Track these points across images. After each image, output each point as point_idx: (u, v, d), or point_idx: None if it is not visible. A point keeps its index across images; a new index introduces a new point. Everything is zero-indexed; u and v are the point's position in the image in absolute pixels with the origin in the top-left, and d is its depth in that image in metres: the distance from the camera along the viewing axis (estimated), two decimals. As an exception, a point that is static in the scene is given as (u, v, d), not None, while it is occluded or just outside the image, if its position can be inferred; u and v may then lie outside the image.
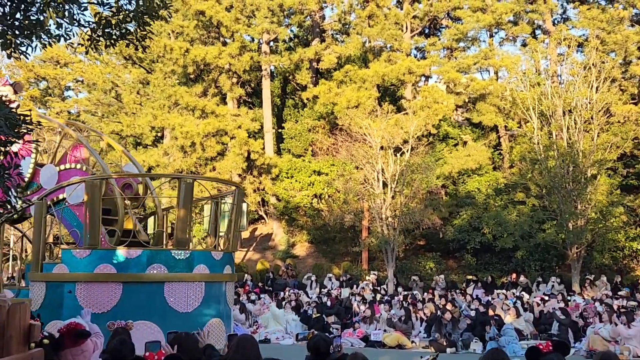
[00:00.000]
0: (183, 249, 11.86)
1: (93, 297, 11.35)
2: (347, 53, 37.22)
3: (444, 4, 38.05)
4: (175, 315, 11.61)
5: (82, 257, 11.54)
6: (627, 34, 34.36)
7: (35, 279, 11.95)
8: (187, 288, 11.87)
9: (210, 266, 12.32)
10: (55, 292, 11.62)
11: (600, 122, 29.22)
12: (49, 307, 11.48)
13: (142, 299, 11.46)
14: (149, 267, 11.53)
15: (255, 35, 37.30)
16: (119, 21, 9.32)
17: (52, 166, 13.64)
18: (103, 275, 11.44)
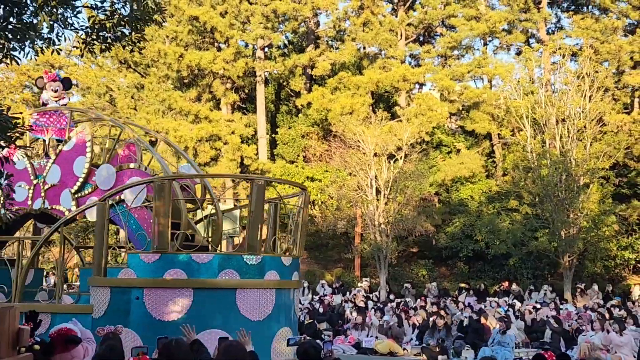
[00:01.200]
0: (255, 254, 11.26)
1: (162, 304, 10.72)
2: (341, 60, 37.26)
3: (438, 12, 38.15)
4: (247, 323, 10.68)
5: (150, 262, 10.92)
6: (621, 44, 34.55)
7: (97, 284, 11.24)
8: (258, 295, 11.22)
9: (280, 272, 11.70)
10: (121, 298, 10.96)
11: (593, 131, 29.33)
12: (114, 314, 10.83)
13: (214, 306, 10.82)
14: (221, 273, 10.90)
15: (249, 41, 37.31)
16: (113, 25, 9.30)
17: (109, 166, 12.86)
18: (173, 281, 10.82)
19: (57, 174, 13.06)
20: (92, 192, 12.72)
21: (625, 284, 30.17)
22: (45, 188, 13.07)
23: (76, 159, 13.01)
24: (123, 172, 12.68)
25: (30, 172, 13.21)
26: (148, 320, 10.58)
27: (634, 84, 34.52)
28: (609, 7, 36.28)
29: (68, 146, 13.19)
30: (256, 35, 35.98)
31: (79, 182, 12.81)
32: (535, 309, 21.57)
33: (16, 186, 12.79)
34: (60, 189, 12.98)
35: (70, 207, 12.69)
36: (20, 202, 13.10)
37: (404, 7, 39.35)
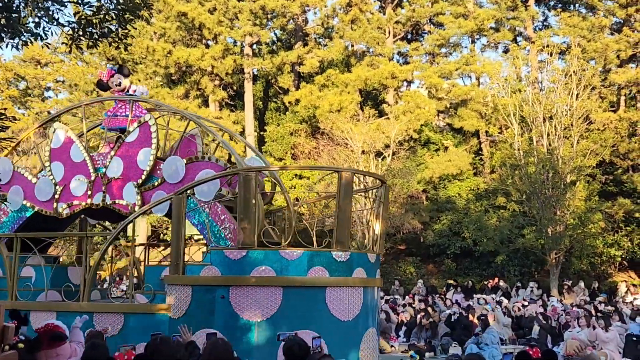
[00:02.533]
0: (344, 250, 10.74)
1: (250, 303, 10.19)
2: (329, 57, 37.25)
3: (426, 10, 38.23)
4: (336, 324, 10.48)
5: (236, 259, 10.34)
6: (607, 42, 34.75)
7: (176, 282, 10.61)
8: (347, 294, 10.72)
9: (367, 270, 11.20)
10: (205, 297, 10.38)
11: (579, 129, 29.47)
12: (196, 314, 10.31)
13: (303, 305, 10.34)
14: (310, 270, 10.40)
15: (237, 37, 37.21)
16: (99, 20, 9.26)
17: (178, 158, 12.05)
18: (262, 279, 10.25)
19: (119, 166, 12.24)
20: (158, 186, 11.93)
21: (612, 281, 30.36)
22: (105, 182, 12.29)
23: (140, 150, 12.18)
24: (193, 165, 11.87)
25: (89, 165, 12.43)
26: (234, 320, 10.16)
27: (621, 82, 34.74)
28: (596, 5, 36.47)
29: (130, 137, 12.32)
30: (244, 32, 35.90)
31: (144, 175, 12.00)
32: (523, 306, 21.67)
33: (74, 180, 12.39)
34: (122, 182, 12.21)
35: (134, 202, 11.93)
36: (79, 197, 12.43)
37: (392, 5, 39.38)
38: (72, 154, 12.60)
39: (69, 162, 12.57)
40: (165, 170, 11.86)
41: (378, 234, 11.78)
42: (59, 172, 12.63)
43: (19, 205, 12.89)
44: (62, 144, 12.79)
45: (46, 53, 42.41)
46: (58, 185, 12.54)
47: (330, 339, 9.69)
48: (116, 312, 10.87)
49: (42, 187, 12.70)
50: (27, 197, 12.82)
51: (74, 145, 12.65)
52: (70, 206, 12.43)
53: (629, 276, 31.53)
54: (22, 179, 13.02)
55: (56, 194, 12.51)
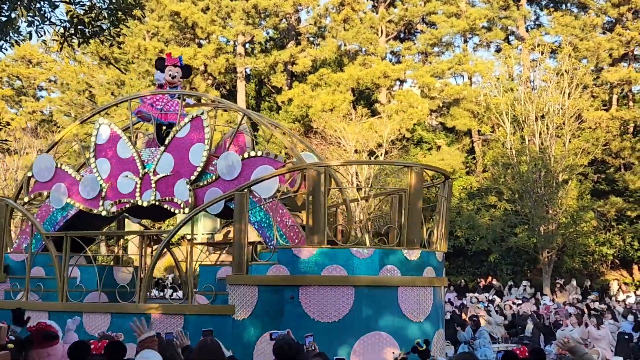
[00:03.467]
0: (414, 249, 10.35)
1: (321, 304, 9.74)
2: (322, 56, 37.26)
3: (419, 9, 38.28)
4: (409, 325, 10.10)
5: (306, 257, 9.90)
6: (599, 41, 34.87)
7: (240, 282, 10.17)
8: (419, 294, 10.30)
9: (435, 269, 10.86)
10: (272, 297, 9.95)
11: (571, 128, 29.56)
12: (264, 315, 9.89)
13: (375, 306, 9.92)
14: (382, 269, 9.97)
15: (230, 37, 37.20)
16: (92, 19, 9.25)
17: (233, 154, 11.57)
18: (333, 279, 9.81)
19: (170, 163, 11.76)
20: (212, 183, 11.49)
21: (604, 279, 30.49)
22: (155, 178, 11.79)
23: (192, 146, 11.70)
24: (249, 161, 11.40)
25: (137, 161, 11.94)
26: (305, 321, 9.64)
27: (613, 81, 34.87)
28: (588, 4, 36.60)
29: (182, 133, 11.86)
30: (237, 32, 35.88)
31: (197, 172, 11.51)
32: (514, 304, 21.73)
33: (121, 177, 11.96)
34: (173, 179, 11.71)
35: (186, 199, 11.48)
36: (127, 194, 11.96)
37: (385, 4, 39.42)
38: (119, 150, 12.14)
39: (116, 158, 12.13)
40: (220, 166, 11.41)
41: (443, 231, 11.43)
42: (105, 169, 12.17)
43: (63, 204, 12.43)
44: (107, 140, 12.34)
45: (38, 52, 42.26)
46: (104, 183, 12.10)
47: (402, 341, 9.49)
48: (175, 314, 10.45)
49: (87, 184, 12.26)
50: (71, 195, 12.38)
51: (121, 140, 12.18)
52: (117, 204, 11.98)
53: (621, 274, 31.68)
54: (66, 176, 12.60)
55: (102, 191, 12.06)
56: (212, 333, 8.20)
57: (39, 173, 12.87)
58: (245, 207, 10.37)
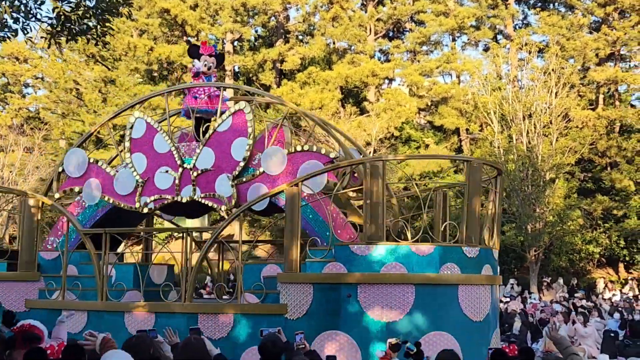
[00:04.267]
0: (473, 246, 9.98)
1: (381, 302, 9.44)
2: (310, 54, 37.25)
3: (407, 8, 38.34)
4: (469, 325, 9.77)
5: (364, 254, 9.54)
6: (586, 41, 35.06)
7: (293, 280, 9.85)
8: (478, 292, 9.96)
9: (493, 267, 10.54)
10: (328, 296, 9.62)
11: (559, 126, 29.72)
12: (319, 314, 9.57)
13: (436, 305, 9.58)
14: (443, 267, 9.65)
15: (218, 34, 37.13)
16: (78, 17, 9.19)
17: (278, 148, 11.22)
18: (393, 276, 9.47)
19: (211, 157, 11.33)
20: (256, 178, 11.14)
21: (590, 277, 30.69)
22: (195, 174, 11.37)
23: (234, 140, 11.27)
24: (295, 155, 11.04)
25: (175, 156, 11.52)
26: (363, 321, 9.43)
27: (599, 80, 35.07)
28: (575, 4, 36.78)
29: (223, 127, 11.40)
30: (225, 29, 35.82)
31: (239, 167, 11.15)
32: (504, 302, 21.82)
33: (159, 172, 11.53)
34: (214, 174, 11.32)
35: (228, 195, 11.13)
36: (165, 190, 11.51)
37: (373, 3, 39.43)
38: (155, 144, 11.70)
39: (152, 153, 11.67)
40: (264, 161, 11.09)
41: (496, 228, 11.07)
42: (141, 164, 11.72)
43: (96, 200, 12.02)
44: (143, 134, 11.84)
45: (24, 49, 41.95)
46: (140, 178, 11.66)
47: (463, 341, 9.31)
48: (225, 313, 10.11)
49: (122, 180, 11.82)
50: (106, 191, 11.92)
51: (158, 135, 11.72)
52: (154, 200, 11.56)
53: (607, 272, 31.91)
54: (99, 172, 12.17)
55: (138, 187, 11.64)
56: (199, 331, 8.17)
57: (70, 168, 12.40)
58: (298, 203, 10.05)
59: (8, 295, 11.55)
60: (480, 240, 10.30)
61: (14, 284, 11.61)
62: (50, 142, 38.62)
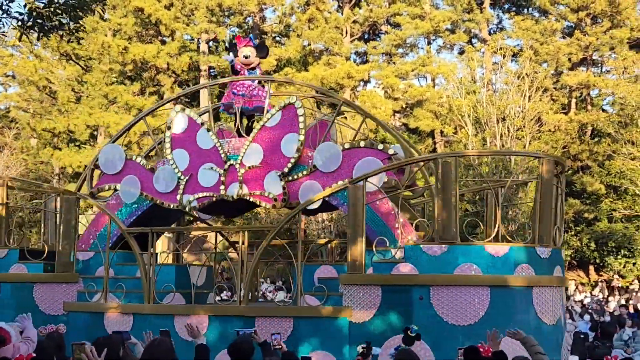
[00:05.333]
0: (546, 246, 9.66)
1: (456, 305, 9.09)
2: (286, 56, 37.20)
3: (383, 10, 38.48)
4: (543, 328, 9.44)
5: (436, 255, 9.19)
6: (559, 45, 35.48)
7: (359, 282, 9.49)
8: (551, 294, 9.62)
9: (562, 268, 10.24)
10: (399, 298, 9.27)
11: (531, 130, 30.00)
12: (389, 317, 9.29)
13: (512, 308, 9.26)
14: (517, 268, 9.31)
15: (194, 34, 36.93)
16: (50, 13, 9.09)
17: (332, 144, 10.90)
18: (468, 278, 9.16)
19: (259, 154, 10.96)
20: (308, 175, 10.77)
21: (562, 280, 30.94)
22: (242, 171, 10.97)
23: (284, 136, 10.91)
24: (351, 152, 10.72)
25: (220, 152, 11.12)
26: (437, 324, 9.10)
27: (572, 84, 35.48)
28: (549, 9, 37.19)
29: (272, 122, 11.04)
30: (201, 29, 35.64)
31: (290, 164, 10.78)
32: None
33: (202, 169, 11.15)
34: (262, 171, 10.95)
35: (279, 192, 10.78)
36: (209, 188, 11.12)
37: (350, 5, 39.53)
38: (199, 140, 11.31)
39: (195, 149, 11.29)
40: (318, 158, 10.71)
41: (560, 226, 10.58)
42: (183, 161, 11.32)
43: (134, 198, 11.61)
44: (185, 130, 11.46)
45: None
46: (183, 175, 11.27)
47: None
48: (284, 317, 9.73)
49: (162, 177, 11.42)
50: (145, 189, 11.53)
51: (201, 130, 11.32)
52: (198, 198, 11.14)
53: (578, 275, 32.28)
54: (138, 169, 11.74)
55: (180, 184, 11.24)
56: (169, 334, 8.06)
57: (106, 165, 11.96)
58: (362, 201, 9.59)
59: (45, 298, 11.04)
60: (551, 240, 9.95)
61: (51, 286, 11.07)
62: (19, 140, 38.10)
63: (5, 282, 11.24)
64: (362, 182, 9.81)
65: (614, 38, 34.39)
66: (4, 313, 10.70)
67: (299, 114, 10.91)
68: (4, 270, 11.31)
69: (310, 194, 10.58)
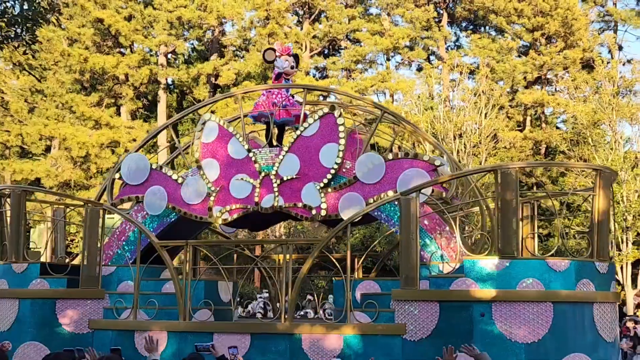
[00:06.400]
0: (605, 261, 9.45)
1: (519, 322, 8.79)
2: (246, 70, 37.15)
3: (343, 26, 38.77)
4: (603, 346, 9.21)
5: (498, 269, 8.92)
6: (515, 64, 36.17)
7: (414, 298, 9.15)
8: (610, 310, 9.36)
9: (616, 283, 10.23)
10: (458, 315, 8.95)
11: (487, 147, 30.45)
12: (446, 335, 8.83)
13: (574, 324, 8.99)
14: (578, 283, 9.03)
15: (152, 47, 36.65)
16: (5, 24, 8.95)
17: (374, 155, 10.63)
18: (531, 293, 8.85)
19: (295, 164, 10.65)
20: (348, 187, 10.47)
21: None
22: (278, 182, 10.66)
23: (323, 146, 10.62)
24: (394, 163, 10.44)
25: (254, 162, 10.81)
26: (501, 342, 8.77)
27: (527, 102, 36.16)
28: (505, 28, 37.90)
29: (309, 132, 10.75)
30: (159, 42, 35.40)
31: (330, 174, 10.49)
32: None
33: (234, 179, 10.80)
34: (300, 182, 10.63)
35: (318, 204, 10.45)
36: (241, 199, 10.74)
37: (309, 20, 39.74)
38: (230, 149, 10.95)
39: (226, 158, 10.95)
40: (359, 168, 10.44)
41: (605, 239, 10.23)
42: (214, 171, 10.94)
43: (160, 210, 11.15)
44: (215, 138, 11.07)
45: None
46: (213, 186, 10.88)
47: None
48: (333, 334, 9.39)
49: (191, 188, 11.03)
50: (172, 200, 11.07)
51: (233, 139, 10.96)
52: (230, 210, 10.78)
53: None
54: (164, 179, 11.30)
55: (210, 196, 10.85)
56: (120, 352, 7.93)
57: (129, 175, 11.49)
58: (416, 213, 9.30)
59: (69, 315, 10.50)
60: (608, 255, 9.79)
61: (76, 302, 10.52)
62: None
63: (24, 298, 10.63)
64: (415, 193, 9.53)
65: (567, 58, 35.22)
66: (24, 331, 10.34)
67: (338, 123, 10.69)
68: (23, 285, 10.69)
69: (351, 206, 10.31)
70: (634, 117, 29.72)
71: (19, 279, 10.75)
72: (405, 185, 10.01)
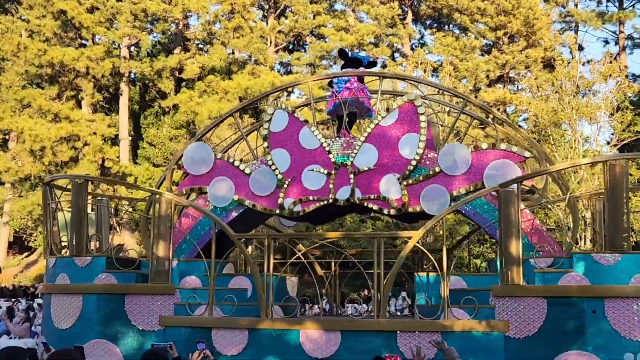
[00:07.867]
0: None
1: (633, 319, 8.52)
2: (210, 64, 36.90)
3: (308, 21, 38.75)
4: None
5: (609, 264, 8.68)
6: (478, 63, 36.56)
7: (516, 294, 8.84)
8: None
9: None
10: (567, 312, 8.66)
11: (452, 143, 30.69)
12: (555, 333, 8.64)
13: None
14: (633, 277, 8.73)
15: (115, 39, 36.13)
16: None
17: (460, 145, 10.17)
18: None
19: (373, 155, 10.30)
20: (430, 178, 10.08)
21: (478, 290, 31.72)
22: (354, 173, 10.27)
23: (402, 136, 10.21)
24: (481, 153, 10.01)
25: (328, 152, 10.44)
26: (615, 340, 8.57)
27: (489, 100, 36.53)
28: (469, 27, 38.29)
29: (387, 121, 10.38)
30: (123, 34, 34.92)
31: (411, 166, 10.08)
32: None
33: (306, 170, 10.43)
34: (377, 174, 10.23)
35: (398, 197, 10.06)
36: (315, 191, 10.36)
37: (275, 14, 39.63)
38: (302, 139, 10.61)
39: (298, 149, 10.58)
40: (443, 160, 10.05)
41: None
42: (284, 161, 10.58)
43: (227, 202, 10.73)
44: (285, 128, 10.76)
45: None
46: (284, 177, 10.52)
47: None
48: (429, 331, 8.99)
49: (260, 179, 10.65)
50: (239, 192, 10.68)
51: (304, 129, 10.66)
52: (302, 202, 10.37)
53: (493, 286, 33.11)
54: (230, 170, 10.88)
55: (281, 187, 10.48)
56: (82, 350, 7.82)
57: (192, 165, 11.04)
58: (516, 205, 8.97)
59: (139, 311, 9.98)
60: None
61: (145, 298, 9.97)
62: None
63: (89, 293, 10.12)
64: (516, 185, 9.21)
65: (529, 57, 35.71)
66: (89, 328, 9.87)
67: (419, 113, 10.28)
68: (88, 280, 10.15)
69: (435, 199, 10.06)
70: (593, 117, 30.22)
71: (82, 273, 10.23)
72: (493, 178, 9.74)
